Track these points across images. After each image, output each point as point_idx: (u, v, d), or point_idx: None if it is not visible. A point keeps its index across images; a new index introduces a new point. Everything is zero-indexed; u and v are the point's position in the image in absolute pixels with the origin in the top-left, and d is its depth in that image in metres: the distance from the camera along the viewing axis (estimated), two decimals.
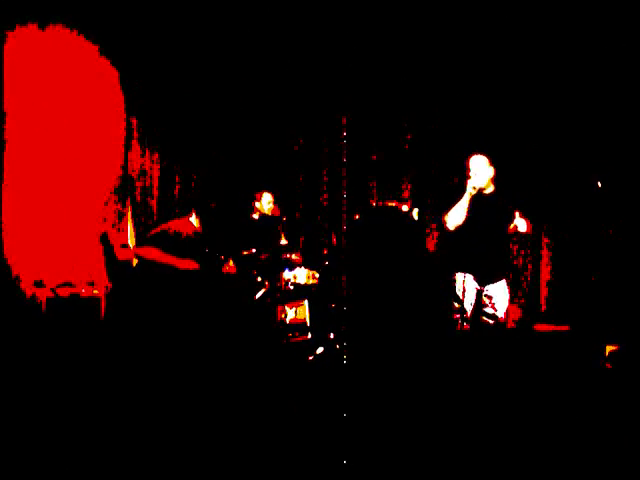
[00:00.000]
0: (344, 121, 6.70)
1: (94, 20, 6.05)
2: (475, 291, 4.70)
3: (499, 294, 4.74)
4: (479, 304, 4.70)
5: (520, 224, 4.70)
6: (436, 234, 6.41)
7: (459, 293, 4.70)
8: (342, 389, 4.38)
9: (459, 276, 4.72)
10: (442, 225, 4.73)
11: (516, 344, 6.13)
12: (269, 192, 6.06)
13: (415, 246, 5.74)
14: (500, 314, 4.74)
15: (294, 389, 4.44)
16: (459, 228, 4.60)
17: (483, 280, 4.71)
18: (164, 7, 6.18)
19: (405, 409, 3.85)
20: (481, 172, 4.62)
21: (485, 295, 4.71)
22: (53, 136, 5.89)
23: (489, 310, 4.72)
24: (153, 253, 5.01)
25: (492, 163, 4.71)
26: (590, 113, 6.30)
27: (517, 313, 6.69)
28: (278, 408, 3.86)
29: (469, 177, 4.61)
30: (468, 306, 4.70)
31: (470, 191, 4.49)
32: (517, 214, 4.72)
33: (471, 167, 4.65)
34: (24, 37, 5.83)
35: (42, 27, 5.93)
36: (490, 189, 4.75)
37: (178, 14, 6.21)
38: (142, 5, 6.15)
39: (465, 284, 4.70)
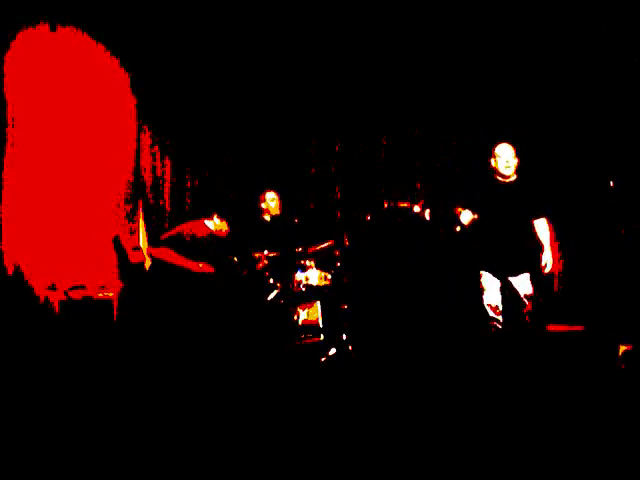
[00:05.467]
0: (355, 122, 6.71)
1: (105, 22, 6.05)
2: (499, 285, 4.93)
3: (524, 285, 4.95)
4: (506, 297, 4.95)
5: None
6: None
7: (488, 290, 4.91)
8: (354, 391, 4.37)
9: (485, 274, 4.94)
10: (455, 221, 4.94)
11: (529, 344, 6.11)
12: (272, 190, 6.06)
13: (428, 246, 5.71)
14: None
15: (306, 390, 4.44)
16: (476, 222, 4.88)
17: (508, 272, 4.92)
18: (176, 10, 6.18)
19: (416, 409, 3.84)
20: (511, 161, 4.84)
21: (511, 286, 4.94)
22: (64, 139, 5.89)
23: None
24: (167, 254, 5.02)
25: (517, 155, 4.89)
26: (604, 113, 6.26)
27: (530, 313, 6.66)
28: (290, 409, 3.86)
29: (493, 163, 4.85)
30: (496, 301, 4.93)
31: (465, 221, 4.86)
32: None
33: (500, 154, 4.83)
34: (34, 38, 5.80)
35: (53, 28, 5.90)
36: (513, 178, 4.93)
37: (189, 18, 6.22)
38: (154, 8, 6.15)
39: (490, 280, 4.92)
